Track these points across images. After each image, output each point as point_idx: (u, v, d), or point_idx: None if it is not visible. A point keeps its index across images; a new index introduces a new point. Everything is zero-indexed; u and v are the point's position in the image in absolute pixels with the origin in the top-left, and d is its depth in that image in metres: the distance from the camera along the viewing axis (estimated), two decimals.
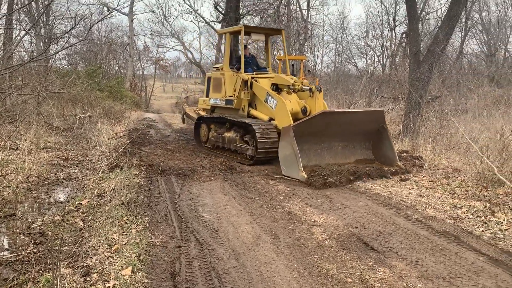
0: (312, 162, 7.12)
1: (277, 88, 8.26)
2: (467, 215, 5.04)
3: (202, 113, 10.57)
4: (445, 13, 12.85)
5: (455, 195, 5.87)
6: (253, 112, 8.63)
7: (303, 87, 8.04)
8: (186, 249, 3.94)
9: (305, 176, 6.48)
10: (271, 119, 8.08)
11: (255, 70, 9.22)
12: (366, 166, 7.12)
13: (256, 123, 7.84)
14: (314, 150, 7.26)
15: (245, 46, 9.95)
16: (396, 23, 30.34)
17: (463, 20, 24.61)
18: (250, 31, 9.16)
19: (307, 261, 3.71)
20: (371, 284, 3.32)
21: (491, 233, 4.51)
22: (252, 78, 8.57)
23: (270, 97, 8.06)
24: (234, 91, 8.84)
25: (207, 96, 10.08)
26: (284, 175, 6.93)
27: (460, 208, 5.31)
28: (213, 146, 9.40)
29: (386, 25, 31.86)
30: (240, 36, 9.05)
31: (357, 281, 3.37)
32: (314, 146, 7.25)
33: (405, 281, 3.37)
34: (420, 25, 20.43)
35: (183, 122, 13.10)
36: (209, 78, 10.12)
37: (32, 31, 15.82)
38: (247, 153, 8.08)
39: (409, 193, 6.06)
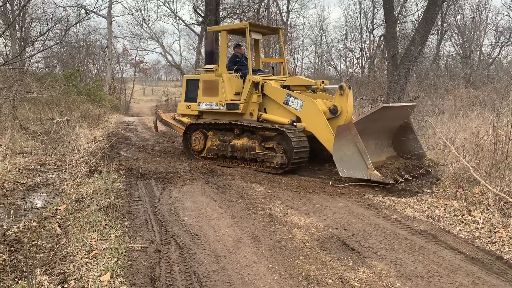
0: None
1: (288, 89, 7.96)
2: (445, 214, 5.13)
3: (184, 119, 9.75)
4: (421, 16, 13.11)
5: (433, 194, 5.98)
6: (265, 116, 8.10)
7: (325, 86, 7.83)
8: (166, 253, 3.91)
9: (379, 174, 6.15)
10: (293, 122, 7.66)
11: (253, 71, 8.56)
12: (413, 162, 6.99)
13: (285, 128, 7.37)
14: None
15: (239, 46, 9.54)
16: (374, 26, 30.84)
17: (439, 23, 25.11)
18: (250, 30, 8.49)
19: (288, 263, 3.72)
20: (351, 284, 3.34)
21: (468, 231, 4.61)
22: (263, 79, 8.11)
23: (292, 98, 7.65)
24: (236, 94, 8.41)
25: (189, 101, 9.30)
26: (344, 177, 6.64)
27: (438, 207, 5.40)
28: (214, 156, 8.48)
29: (365, 28, 32.35)
30: (246, 35, 8.39)
31: (337, 282, 3.39)
32: None
33: (384, 281, 3.41)
34: (397, 28, 20.79)
35: (156, 131, 11.86)
36: (193, 81, 9.29)
37: (7, 34, 15.47)
38: (273, 161, 7.43)
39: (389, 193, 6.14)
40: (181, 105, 9.63)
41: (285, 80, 8.34)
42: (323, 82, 7.94)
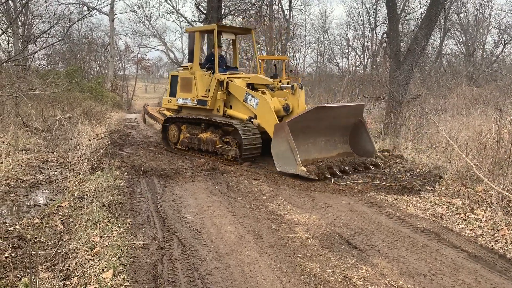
0: (302, 158, 7.11)
1: (253, 88, 8.36)
2: (447, 213, 5.12)
3: (167, 113, 10.35)
4: (424, 14, 13.05)
5: (436, 192, 5.96)
6: (230, 112, 8.61)
7: (282, 85, 8.16)
8: (168, 250, 3.91)
9: (305, 169, 6.61)
10: (251, 118, 8.11)
11: (224, 70, 9.21)
12: (350, 158, 7.47)
13: (238, 124, 7.82)
14: (301, 146, 7.28)
15: (219, 46, 9.95)
16: (377, 24, 30.74)
17: (442, 21, 25.01)
18: (221, 30, 9.22)
19: (290, 261, 3.71)
20: (354, 282, 3.34)
21: (471, 229, 4.59)
22: (227, 78, 8.60)
23: (250, 96, 8.10)
24: (207, 91, 8.81)
25: (171, 95, 9.93)
26: (280, 171, 7.05)
27: (440, 205, 5.39)
28: (185, 148, 9.16)
29: (367, 25, 32.26)
30: (212, 36, 8.97)
31: (340, 280, 3.38)
32: (302, 142, 7.33)
33: (387, 279, 3.40)
34: (400, 26, 20.72)
35: (145, 123, 12.73)
36: (175, 77, 9.92)
37: (10, 31, 15.46)
38: (229, 154, 7.99)
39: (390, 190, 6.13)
40: (165, 99, 10.36)
41: (250, 78, 8.78)
42: (280, 81, 8.42)
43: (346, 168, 7.11)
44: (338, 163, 7.15)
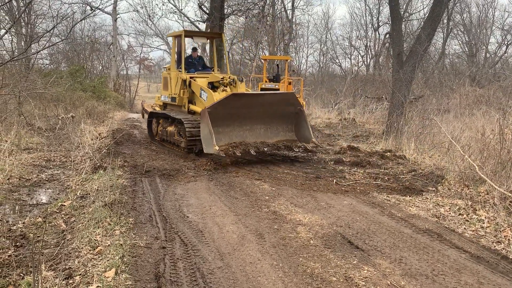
0: (234, 141, 7.67)
1: (213, 85, 9.04)
2: (450, 213, 5.11)
3: (158, 109, 11.22)
4: (427, 14, 13.03)
5: (438, 193, 5.95)
6: (192, 107, 9.31)
7: (230, 81, 8.72)
8: (170, 250, 3.91)
9: (217, 148, 7.21)
10: None
11: (199, 70, 9.87)
12: (275, 142, 8.12)
13: (186, 118, 8.58)
14: (236, 132, 8.00)
15: (195, 49, 10.86)
16: (380, 24, 30.70)
17: (445, 21, 24.97)
18: (192, 35, 10.44)
19: (292, 261, 3.71)
20: (356, 282, 3.34)
21: (473, 230, 4.59)
22: (191, 77, 9.29)
23: (203, 92, 8.82)
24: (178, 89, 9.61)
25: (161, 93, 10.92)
26: (206, 153, 7.53)
27: (443, 206, 5.38)
28: (161, 139, 10.14)
29: (370, 25, 32.21)
30: (182, 39, 9.68)
31: (341, 280, 3.38)
32: (237, 129, 8.04)
33: (389, 279, 3.40)
34: (403, 26, 20.69)
35: (143, 117, 13.80)
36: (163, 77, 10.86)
37: (13, 30, 15.52)
38: (181, 145, 8.84)
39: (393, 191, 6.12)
40: (156, 96, 11.47)
41: (208, 77, 9.46)
42: (229, 77, 9.00)
43: (265, 149, 7.79)
44: (257, 145, 7.77)
